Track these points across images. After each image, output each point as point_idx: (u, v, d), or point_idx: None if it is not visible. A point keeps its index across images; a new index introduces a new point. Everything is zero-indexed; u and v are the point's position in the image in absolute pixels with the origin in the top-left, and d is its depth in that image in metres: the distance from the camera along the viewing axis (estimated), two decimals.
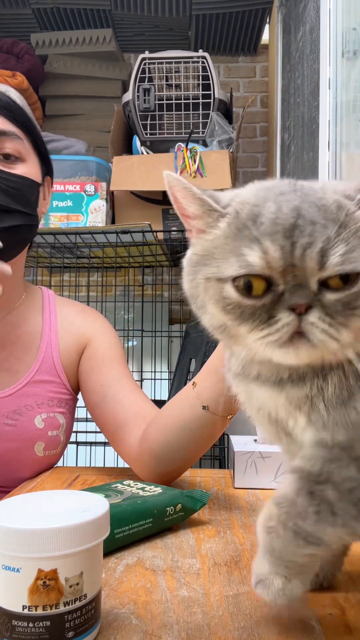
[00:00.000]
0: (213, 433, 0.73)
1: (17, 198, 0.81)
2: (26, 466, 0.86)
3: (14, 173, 0.81)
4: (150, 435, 0.77)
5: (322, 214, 0.32)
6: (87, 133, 2.46)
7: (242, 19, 2.49)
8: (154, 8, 2.42)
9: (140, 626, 0.41)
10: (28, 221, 0.83)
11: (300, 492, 0.37)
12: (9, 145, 0.81)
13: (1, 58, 2.34)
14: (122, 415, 0.85)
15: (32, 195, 0.84)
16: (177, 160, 2.01)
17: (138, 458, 0.80)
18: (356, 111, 1.35)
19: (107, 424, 0.87)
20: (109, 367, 0.90)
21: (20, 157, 0.83)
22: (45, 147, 0.90)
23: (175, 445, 0.74)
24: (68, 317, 0.96)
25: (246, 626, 0.41)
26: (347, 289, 0.32)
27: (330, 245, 0.31)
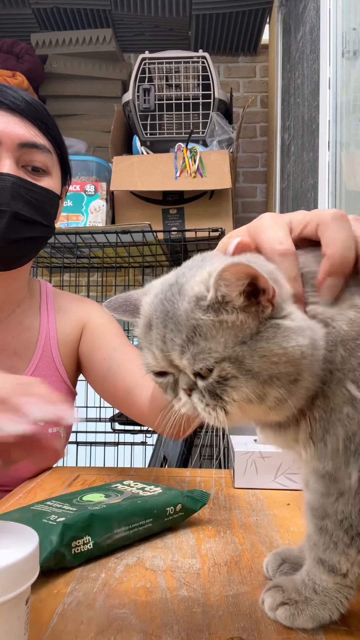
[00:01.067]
0: None
1: (39, 210, 0.82)
2: (27, 465, 0.86)
3: (39, 185, 0.82)
4: (158, 392, 0.79)
5: (176, 323, 0.39)
6: (87, 133, 2.46)
7: (242, 19, 2.50)
8: (154, 8, 2.42)
9: (140, 626, 0.41)
10: (45, 233, 0.85)
11: (314, 527, 0.42)
12: (39, 159, 0.82)
13: (1, 58, 2.34)
14: (129, 380, 0.87)
15: (52, 208, 0.85)
16: (177, 160, 2.01)
17: (151, 416, 0.83)
18: (356, 111, 1.35)
19: (117, 392, 0.89)
20: (108, 340, 0.93)
21: (47, 170, 0.84)
22: (68, 160, 0.91)
23: None
24: (64, 307, 0.98)
25: (246, 626, 0.41)
26: (207, 379, 0.39)
27: (183, 350, 0.39)
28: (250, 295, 0.38)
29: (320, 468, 0.41)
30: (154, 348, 0.41)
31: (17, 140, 0.79)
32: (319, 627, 0.41)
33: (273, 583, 0.44)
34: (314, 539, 0.42)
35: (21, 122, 0.80)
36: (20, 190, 0.78)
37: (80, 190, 2.03)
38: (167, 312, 0.40)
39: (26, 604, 0.32)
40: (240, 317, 0.38)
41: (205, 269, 0.40)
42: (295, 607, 0.41)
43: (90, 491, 0.64)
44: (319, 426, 0.40)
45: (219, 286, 0.37)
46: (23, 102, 0.81)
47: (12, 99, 0.80)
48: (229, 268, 0.36)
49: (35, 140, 0.81)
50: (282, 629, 0.41)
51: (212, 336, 0.38)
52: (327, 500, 0.41)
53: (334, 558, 0.41)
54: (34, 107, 0.82)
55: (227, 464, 0.90)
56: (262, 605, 0.43)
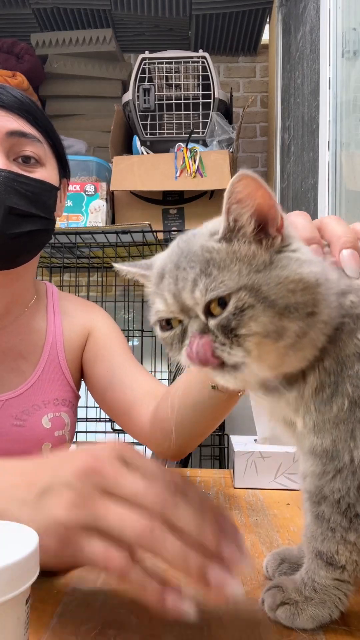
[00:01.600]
0: (223, 410, 0.75)
1: (35, 203, 0.80)
2: None
3: (33, 177, 0.81)
4: (161, 413, 0.80)
5: (190, 260, 0.40)
6: (87, 133, 2.46)
7: (242, 19, 2.49)
8: (154, 8, 2.42)
9: (140, 626, 0.41)
10: (45, 225, 0.83)
11: (311, 515, 0.42)
12: (29, 148, 0.81)
13: (1, 58, 2.34)
14: (130, 396, 0.86)
15: (49, 199, 0.84)
16: (177, 160, 2.01)
17: (151, 436, 0.82)
18: (356, 111, 1.35)
19: (117, 406, 0.88)
20: (113, 352, 0.92)
21: (40, 160, 0.83)
22: (63, 150, 0.90)
23: (187, 423, 0.76)
24: (70, 312, 0.97)
25: (246, 626, 0.41)
26: (221, 314, 0.38)
27: (196, 282, 0.39)
28: (259, 232, 0.39)
29: (317, 444, 0.41)
30: (165, 293, 0.41)
31: (4, 130, 0.78)
32: (319, 627, 0.41)
33: (273, 583, 0.44)
34: (311, 529, 0.42)
35: (8, 116, 0.80)
36: (13, 184, 0.77)
37: (80, 190, 2.03)
38: (181, 252, 0.41)
39: (26, 604, 0.32)
40: (252, 247, 0.39)
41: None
42: (295, 607, 0.41)
43: None
44: (328, 380, 0.40)
45: (231, 207, 0.39)
46: (9, 97, 0.81)
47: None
48: (237, 180, 0.38)
49: (23, 129, 0.80)
50: (282, 629, 0.41)
51: (225, 266, 0.38)
52: (323, 480, 0.41)
53: (332, 548, 0.41)
54: (20, 101, 0.82)
55: (227, 464, 0.90)
56: (262, 605, 0.43)
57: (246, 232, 0.39)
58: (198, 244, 0.40)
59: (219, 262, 0.39)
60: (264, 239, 0.39)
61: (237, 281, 0.38)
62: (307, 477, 0.42)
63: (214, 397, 0.72)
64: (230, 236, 0.39)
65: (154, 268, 0.45)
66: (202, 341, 0.39)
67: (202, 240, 0.40)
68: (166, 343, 0.43)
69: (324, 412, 0.40)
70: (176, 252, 0.42)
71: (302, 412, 0.41)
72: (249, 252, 0.39)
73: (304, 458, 0.43)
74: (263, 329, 0.37)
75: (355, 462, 0.39)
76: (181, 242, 0.42)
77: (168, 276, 0.41)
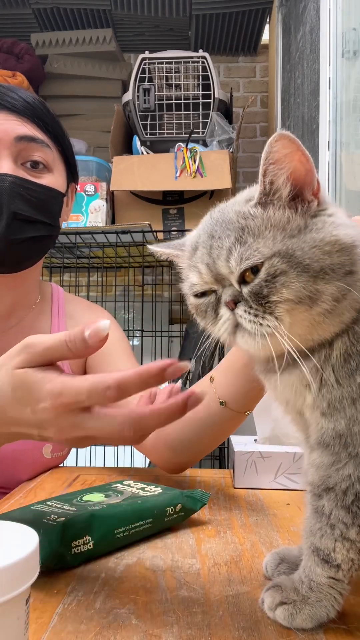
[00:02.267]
0: (229, 428, 0.75)
1: (41, 209, 0.80)
2: (31, 468, 0.85)
3: (40, 184, 0.80)
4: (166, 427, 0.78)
5: (224, 228, 0.40)
6: (87, 133, 2.46)
7: (242, 19, 2.49)
8: (154, 8, 2.42)
9: (140, 626, 0.41)
10: (49, 232, 0.83)
11: (311, 508, 0.42)
12: (38, 154, 0.81)
13: (1, 58, 2.34)
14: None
15: (55, 205, 0.84)
16: (177, 160, 2.01)
17: (154, 449, 0.81)
18: (356, 111, 1.35)
19: None
20: (118, 359, 0.91)
21: (48, 166, 0.82)
22: (73, 156, 0.90)
23: (191, 438, 0.76)
24: (75, 315, 0.96)
25: (246, 626, 0.41)
26: (254, 280, 0.38)
27: (231, 251, 0.39)
28: (295, 196, 0.39)
29: (328, 429, 0.39)
30: (199, 264, 0.41)
31: (13, 134, 0.78)
32: (318, 626, 0.41)
33: (272, 583, 0.44)
34: (310, 523, 0.42)
35: (18, 120, 0.80)
36: (19, 190, 0.77)
37: (80, 190, 2.03)
38: (215, 222, 0.41)
39: (26, 604, 0.32)
40: (287, 212, 0.39)
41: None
42: (293, 607, 0.41)
43: (90, 491, 0.64)
44: (355, 348, 0.38)
45: (267, 168, 0.39)
46: (20, 101, 0.81)
47: (9, 99, 0.80)
48: (275, 139, 0.38)
49: (32, 134, 0.80)
50: (282, 629, 0.41)
51: (260, 232, 0.38)
52: (330, 469, 0.40)
53: (329, 545, 0.40)
54: (31, 106, 0.82)
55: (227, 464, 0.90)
56: (262, 605, 0.43)
57: (282, 196, 0.39)
58: (233, 211, 0.40)
59: (254, 228, 0.39)
60: (299, 204, 0.39)
61: (271, 247, 0.38)
62: (311, 469, 0.41)
63: (221, 414, 0.71)
64: (265, 200, 0.39)
65: (186, 246, 0.45)
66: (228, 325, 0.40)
67: (237, 207, 0.40)
68: (199, 311, 0.43)
69: (344, 386, 0.38)
70: (209, 222, 0.42)
71: (316, 385, 0.40)
72: (283, 218, 0.39)
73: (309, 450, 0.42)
74: (295, 295, 0.37)
75: None
76: (214, 213, 0.42)
77: (202, 247, 0.41)
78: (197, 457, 0.80)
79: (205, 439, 0.76)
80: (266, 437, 0.82)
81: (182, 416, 0.42)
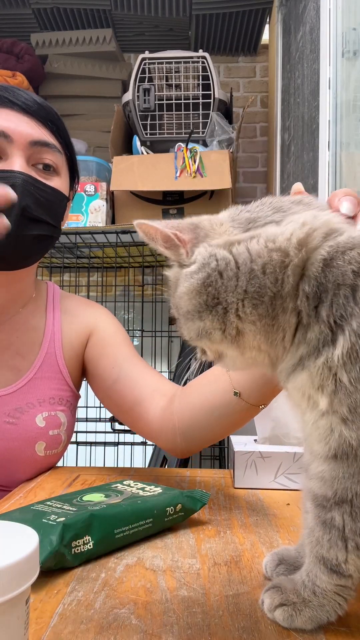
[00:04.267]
0: (241, 420, 0.74)
1: (48, 209, 0.82)
2: (26, 467, 0.85)
3: (49, 185, 0.82)
4: (177, 412, 0.80)
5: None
6: (87, 133, 2.46)
7: (242, 19, 2.49)
8: (154, 8, 2.42)
9: (140, 626, 0.41)
10: (52, 233, 0.85)
11: (316, 519, 0.40)
12: (50, 157, 0.83)
13: (1, 58, 2.34)
14: (138, 393, 0.86)
15: (60, 208, 0.86)
16: (177, 160, 2.01)
17: (160, 433, 0.82)
18: (356, 111, 1.35)
19: (123, 403, 0.88)
20: (118, 349, 0.92)
21: (57, 170, 0.85)
22: (76, 162, 0.92)
23: (202, 426, 0.76)
24: (71, 310, 0.97)
25: (246, 626, 0.41)
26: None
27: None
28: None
29: (352, 438, 0.36)
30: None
31: (29, 138, 0.80)
32: (318, 627, 0.41)
33: (272, 584, 0.44)
34: (317, 535, 0.40)
35: (32, 123, 0.82)
36: (31, 189, 0.79)
37: (80, 190, 2.03)
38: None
39: (26, 604, 0.32)
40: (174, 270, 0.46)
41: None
42: (293, 608, 0.41)
43: (90, 491, 0.64)
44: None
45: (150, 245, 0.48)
46: (35, 103, 0.83)
47: (24, 100, 0.82)
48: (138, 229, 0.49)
49: (46, 139, 0.82)
50: (282, 629, 0.41)
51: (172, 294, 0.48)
52: (349, 481, 0.37)
53: (340, 557, 0.39)
54: (44, 109, 0.84)
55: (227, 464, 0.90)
56: (262, 605, 0.43)
57: (170, 259, 0.46)
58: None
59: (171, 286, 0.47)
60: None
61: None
62: (318, 482, 0.40)
63: (235, 405, 0.71)
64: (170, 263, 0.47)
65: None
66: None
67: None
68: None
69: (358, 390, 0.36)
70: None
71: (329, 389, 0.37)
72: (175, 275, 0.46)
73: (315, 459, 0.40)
74: (187, 334, 0.45)
75: None
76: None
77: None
78: (204, 444, 0.81)
79: (216, 428, 0.76)
80: (266, 437, 0.82)
81: None
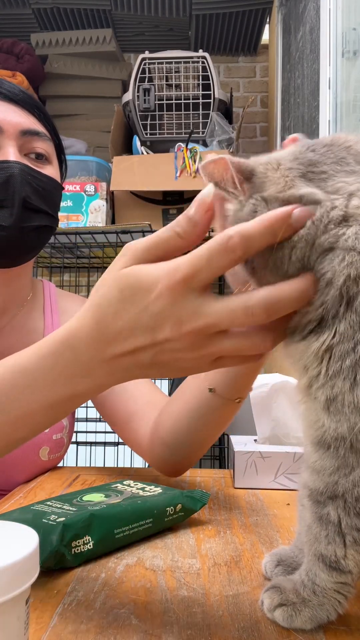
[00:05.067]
0: (221, 418, 0.71)
1: (46, 199, 0.81)
2: (29, 471, 0.85)
3: (45, 174, 0.81)
4: (161, 424, 0.77)
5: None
6: (87, 133, 2.46)
7: (242, 19, 2.49)
8: (154, 8, 2.42)
9: (140, 626, 0.41)
10: (52, 223, 0.83)
11: (313, 515, 0.40)
12: (41, 145, 0.81)
13: (1, 58, 2.34)
14: (132, 405, 0.84)
15: (57, 197, 0.84)
16: (177, 160, 2.01)
17: (150, 449, 0.79)
18: (356, 111, 1.35)
19: (117, 415, 0.86)
20: None
21: (49, 158, 0.83)
22: (63, 150, 0.91)
23: (184, 432, 0.73)
24: (69, 310, 0.95)
25: (246, 626, 0.41)
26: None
27: None
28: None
29: (331, 429, 0.36)
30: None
31: (19, 127, 0.79)
32: (318, 627, 0.41)
33: (272, 584, 0.44)
34: (314, 531, 0.40)
35: (20, 111, 0.80)
36: (28, 178, 0.78)
37: (80, 190, 2.03)
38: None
39: (26, 604, 0.32)
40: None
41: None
42: (292, 608, 0.41)
43: (90, 491, 0.64)
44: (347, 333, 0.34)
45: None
46: (20, 91, 0.81)
47: (8, 88, 0.80)
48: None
49: (36, 127, 0.81)
50: (282, 629, 0.41)
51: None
52: (337, 475, 0.37)
53: (339, 553, 0.38)
54: (30, 97, 0.83)
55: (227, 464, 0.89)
56: (261, 606, 0.43)
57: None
58: None
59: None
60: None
61: None
62: (312, 474, 0.39)
63: (211, 402, 0.69)
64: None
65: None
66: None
67: None
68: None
69: (336, 384, 0.35)
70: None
71: (312, 372, 0.36)
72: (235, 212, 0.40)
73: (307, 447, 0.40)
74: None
75: None
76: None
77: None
78: (193, 454, 0.77)
79: (199, 431, 0.73)
80: (266, 437, 0.82)
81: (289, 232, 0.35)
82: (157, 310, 0.37)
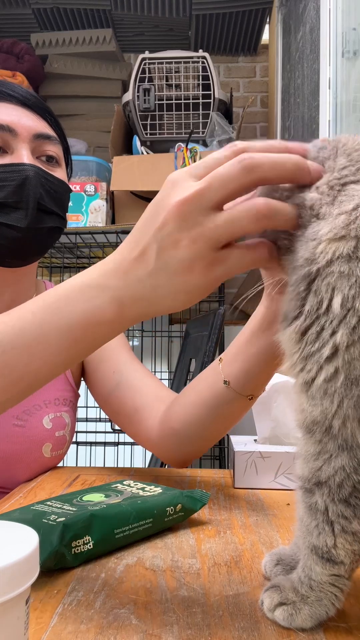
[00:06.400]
0: (232, 413, 0.73)
1: (57, 201, 0.82)
2: (31, 468, 0.85)
3: (56, 177, 0.83)
4: (173, 413, 0.78)
5: None
6: (87, 133, 2.46)
7: (242, 19, 2.50)
8: (154, 8, 2.42)
9: (140, 626, 0.41)
10: (61, 224, 0.85)
11: (304, 506, 0.40)
12: (52, 148, 0.83)
13: (1, 58, 2.34)
14: (139, 399, 0.85)
15: (66, 200, 0.86)
16: (177, 160, 2.01)
17: (159, 440, 0.81)
18: (356, 111, 1.35)
19: (124, 409, 0.86)
20: (118, 353, 0.90)
21: (59, 161, 0.85)
22: (70, 155, 0.92)
23: (195, 422, 0.75)
24: None
25: (246, 626, 0.41)
26: None
27: None
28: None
29: (309, 412, 0.37)
30: None
31: (32, 131, 0.81)
32: (318, 626, 0.41)
33: (271, 583, 0.44)
34: (305, 522, 0.40)
35: (32, 115, 0.82)
36: (42, 180, 0.79)
37: (80, 190, 2.03)
38: None
39: (26, 604, 0.32)
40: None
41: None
42: (292, 607, 0.41)
43: (90, 491, 0.64)
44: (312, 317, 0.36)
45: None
46: (31, 96, 0.84)
47: (22, 93, 0.83)
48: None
49: (48, 131, 0.83)
50: (282, 629, 0.41)
51: None
52: (319, 460, 0.37)
53: (329, 542, 0.38)
54: (41, 102, 0.85)
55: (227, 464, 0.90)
56: (261, 605, 0.43)
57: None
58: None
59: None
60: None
61: None
62: (300, 460, 0.39)
63: (225, 395, 0.70)
64: None
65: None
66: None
67: None
68: None
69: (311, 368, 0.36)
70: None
71: (294, 357, 0.37)
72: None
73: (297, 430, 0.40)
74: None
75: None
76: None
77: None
78: (201, 446, 0.79)
79: (210, 423, 0.75)
80: (266, 437, 0.82)
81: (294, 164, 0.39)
82: (166, 221, 0.41)
